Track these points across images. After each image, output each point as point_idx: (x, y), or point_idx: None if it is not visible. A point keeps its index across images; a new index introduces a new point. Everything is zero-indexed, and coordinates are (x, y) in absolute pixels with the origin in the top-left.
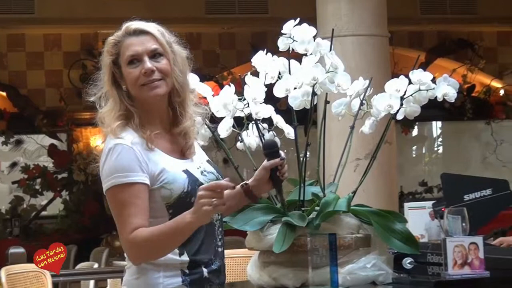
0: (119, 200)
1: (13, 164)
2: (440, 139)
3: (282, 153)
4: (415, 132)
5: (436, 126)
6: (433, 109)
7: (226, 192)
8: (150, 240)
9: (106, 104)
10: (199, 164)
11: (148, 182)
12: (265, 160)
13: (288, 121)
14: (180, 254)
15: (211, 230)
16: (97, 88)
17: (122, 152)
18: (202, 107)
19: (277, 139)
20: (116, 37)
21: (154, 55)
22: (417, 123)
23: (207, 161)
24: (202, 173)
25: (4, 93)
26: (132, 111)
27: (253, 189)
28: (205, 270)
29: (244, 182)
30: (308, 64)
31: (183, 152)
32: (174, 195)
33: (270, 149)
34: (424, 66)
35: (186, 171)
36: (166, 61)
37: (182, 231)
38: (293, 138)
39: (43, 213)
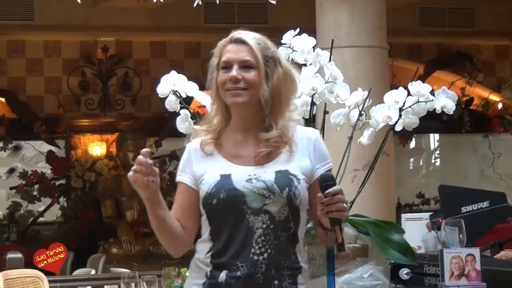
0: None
1: (11, 170)
2: (437, 152)
3: (333, 189)
4: (413, 144)
5: (434, 139)
6: (431, 121)
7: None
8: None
9: None
10: (259, 172)
11: (189, 182)
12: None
13: None
14: (209, 251)
15: (247, 236)
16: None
17: (184, 154)
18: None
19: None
20: (223, 42)
21: (246, 65)
22: (415, 135)
23: (278, 171)
24: (249, 180)
25: (3, 99)
26: (219, 114)
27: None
28: (224, 275)
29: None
30: (307, 74)
31: (251, 159)
32: (202, 195)
33: (321, 183)
34: (423, 79)
35: (226, 176)
36: (256, 73)
37: (148, 210)
38: None
39: (41, 219)
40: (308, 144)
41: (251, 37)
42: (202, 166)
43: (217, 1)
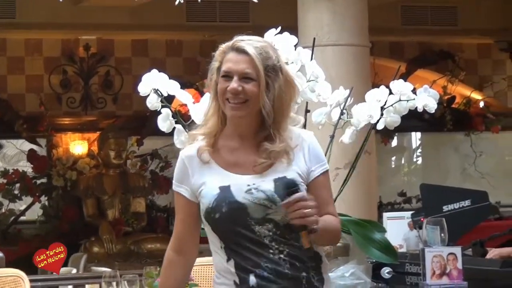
0: (175, 205)
1: None
2: (419, 150)
3: (292, 197)
4: (394, 142)
5: (416, 137)
6: (413, 119)
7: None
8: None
9: None
10: (257, 181)
11: (187, 195)
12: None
13: None
14: (227, 260)
15: (259, 243)
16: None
17: (178, 162)
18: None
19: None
20: (224, 47)
21: (246, 77)
22: (396, 133)
23: (276, 179)
24: (249, 191)
25: None
26: (216, 119)
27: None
28: (253, 278)
29: None
30: None
31: (249, 167)
32: (203, 209)
33: (284, 189)
34: (405, 77)
35: (224, 188)
36: (256, 84)
37: None
38: None
39: (22, 218)
40: (303, 147)
41: (252, 46)
42: (199, 177)
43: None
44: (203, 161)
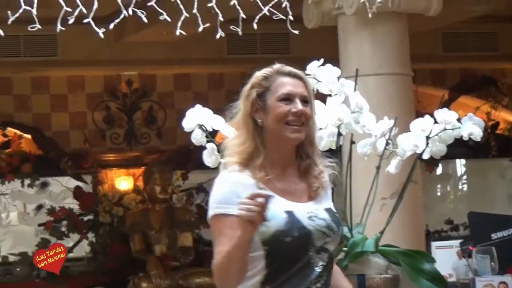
0: (216, 229)
1: (39, 207)
2: (465, 177)
3: None
4: (439, 170)
5: (461, 164)
6: (457, 146)
7: None
8: (220, 261)
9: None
10: (313, 209)
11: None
12: None
13: None
14: (263, 285)
15: (306, 270)
16: (231, 116)
17: (224, 185)
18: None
19: None
20: (268, 72)
21: (304, 100)
22: (441, 161)
23: (326, 209)
24: (310, 218)
25: (29, 136)
26: (259, 149)
27: None
28: None
29: None
30: (333, 104)
31: (300, 195)
32: (269, 232)
33: None
34: (447, 104)
35: (289, 212)
36: (310, 109)
37: (237, 245)
38: None
39: (70, 255)
40: (327, 184)
41: (302, 73)
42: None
43: (240, 32)
44: (258, 188)
